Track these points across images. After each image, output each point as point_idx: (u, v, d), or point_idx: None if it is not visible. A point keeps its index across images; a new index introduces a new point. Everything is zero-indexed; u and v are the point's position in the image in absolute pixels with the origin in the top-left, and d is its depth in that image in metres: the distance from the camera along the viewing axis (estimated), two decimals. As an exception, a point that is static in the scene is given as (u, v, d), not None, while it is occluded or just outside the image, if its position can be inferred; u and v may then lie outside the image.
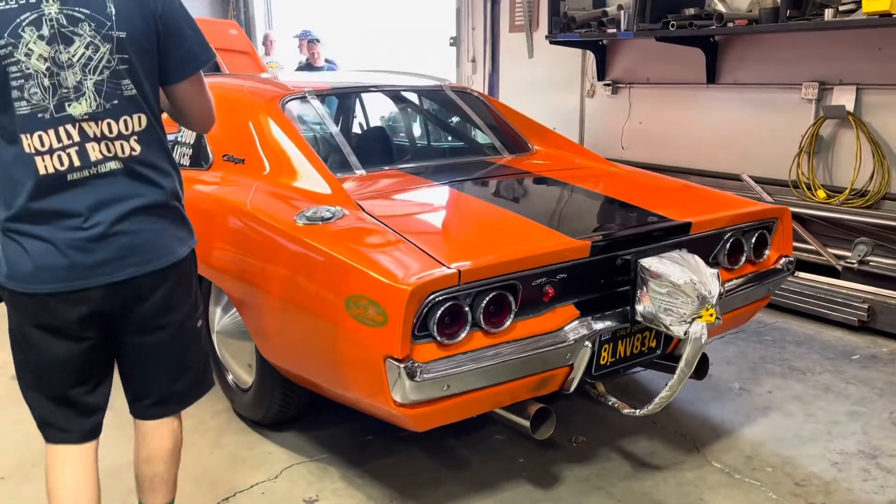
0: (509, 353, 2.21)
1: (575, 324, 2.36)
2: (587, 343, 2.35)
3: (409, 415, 2.16)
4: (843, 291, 4.17)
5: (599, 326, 2.41)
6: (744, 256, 2.85)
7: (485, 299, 2.18)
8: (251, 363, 2.94)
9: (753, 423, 3.10)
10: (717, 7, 4.87)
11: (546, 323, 2.33)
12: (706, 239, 2.73)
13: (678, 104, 5.58)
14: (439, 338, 2.13)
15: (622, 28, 5.25)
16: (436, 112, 4.02)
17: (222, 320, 3.07)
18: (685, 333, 2.31)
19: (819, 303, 4.21)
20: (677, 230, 2.60)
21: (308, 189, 2.74)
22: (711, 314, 2.30)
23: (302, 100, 3.33)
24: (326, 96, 3.56)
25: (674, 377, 2.39)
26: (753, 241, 2.88)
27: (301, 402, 2.91)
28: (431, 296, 2.08)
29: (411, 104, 4.07)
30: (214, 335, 3.17)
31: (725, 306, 2.77)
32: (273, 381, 2.83)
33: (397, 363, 2.04)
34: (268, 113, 3.13)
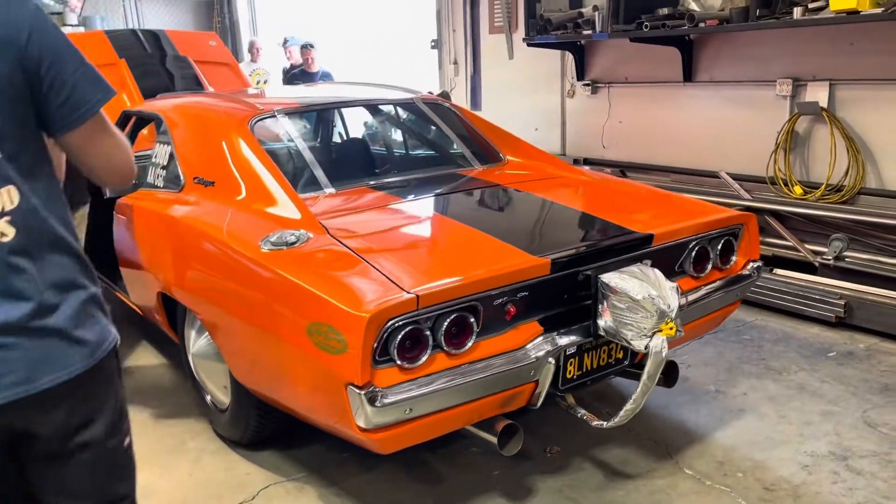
0: (471, 374, 2.24)
1: (538, 340, 2.39)
2: (550, 360, 2.38)
3: (374, 439, 2.19)
4: (820, 288, 4.20)
5: (563, 342, 2.43)
6: (710, 264, 2.88)
7: (445, 321, 2.21)
8: (226, 385, 2.97)
9: (727, 427, 3.13)
10: (691, 6, 4.89)
11: (509, 341, 2.36)
12: (670, 249, 2.75)
13: (657, 103, 5.60)
14: (400, 362, 2.15)
15: (597, 29, 5.27)
16: (408, 125, 4.04)
17: (197, 342, 3.10)
18: (646, 347, 2.34)
19: (796, 299, 4.24)
20: (639, 243, 2.62)
21: (274, 212, 2.77)
22: (671, 328, 2.33)
23: (271, 119, 3.35)
24: (297, 114, 3.58)
25: (637, 390, 2.42)
26: (720, 249, 2.91)
27: (277, 423, 2.94)
28: (390, 322, 2.11)
29: (383, 118, 4.09)
30: (190, 357, 3.20)
31: (694, 313, 2.81)
32: (248, 403, 2.86)
33: (358, 390, 2.07)
34: (237, 134, 3.15)
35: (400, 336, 2.13)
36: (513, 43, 6.55)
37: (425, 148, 3.99)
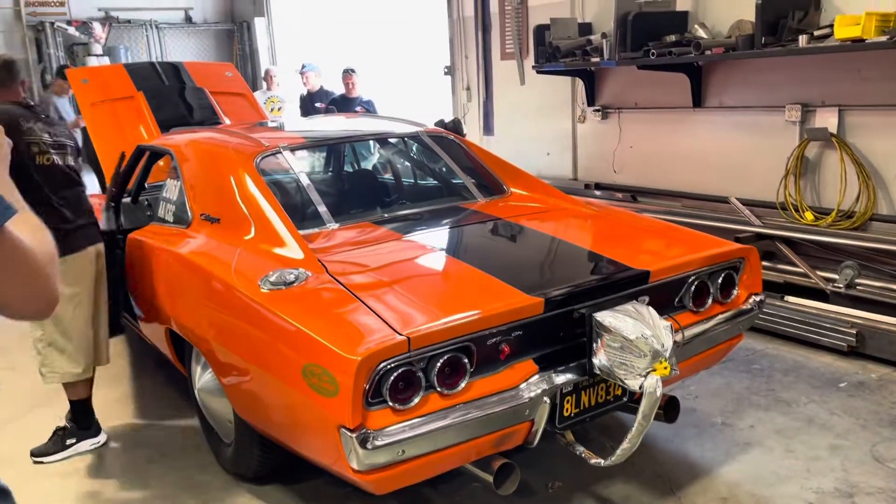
0: (465, 415, 2.25)
1: (533, 379, 2.39)
2: (546, 399, 2.38)
3: (368, 480, 2.21)
4: (832, 316, 4.14)
5: (559, 381, 2.44)
6: (710, 299, 2.87)
7: (438, 362, 2.23)
8: (231, 420, 3.00)
9: (732, 461, 3.10)
10: (698, 33, 4.89)
11: (504, 380, 2.37)
12: (669, 285, 2.75)
13: (666, 128, 5.60)
14: (393, 403, 2.18)
15: (605, 56, 5.29)
16: (412, 158, 4.09)
17: (203, 378, 3.14)
18: (640, 387, 2.34)
19: (808, 328, 4.19)
20: (635, 280, 2.62)
21: (277, 251, 2.81)
22: (666, 367, 2.33)
23: (277, 155, 3.41)
24: (302, 149, 3.64)
25: (633, 430, 2.41)
26: (720, 283, 2.89)
27: (280, 458, 2.97)
28: (382, 364, 2.13)
29: (388, 151, 4.15)
30: (196, 391, 3.25)
31: (695, 348, 2.80)
32: (251, 438, 2.89)
33: (349, 432, 2.10)
34: (242, 171, 3.21)
35: (392, 378, 2.16)
36: (524, 69, 6.60)
37: (430, 181, 4.03)
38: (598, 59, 5.36)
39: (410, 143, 4.04)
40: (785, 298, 4.41)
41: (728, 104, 5.12)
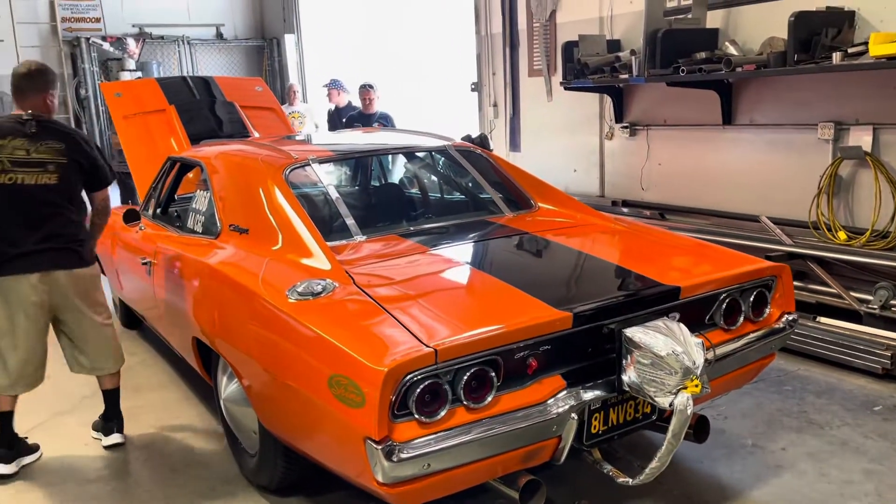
0: (491, 429, 2.22)
1: (561, 395, 2.36)
2: (573, 415, 2.35)
3: (393, 493, 2.18)
4: (866, 338, 4.05)
5: (587, 397, 2.40)
6: (742, 316, 2.82)
7: (465, 375, 2.20)
8: (256, 430, 3.00)
9: (763, 484, 3.02)
10: (729, 50, 4.86)
11: (531, 395, 2.34)
12: (699, 301, 2.71)
13: (696, 145, 5.55)
14: (419, 416, 2.16)
15: (634, 73, 5.27)
16: (440, 172, 4.09)
17: (229, 388, 3.15)
18: (670, 405, 2.29)
19: (841, 349, 4.10)
20: (666, 296, 2.58)
21: (304, 262, 2.82)
22: (697, 385, 2.28)
23: (305, 167, 3.43)
24: (330, 162, 3.66)
25: (662, 449, 2.36)
26: (752, 300, 2.84)
27: (304, 469, 2.95)
28: (409, 376, 2.12)
29: (415, 165, 4.15)
30: (222, 401, 3.25)
31: (725, 367, 2.75)
32: (275, 449, 2.88)
33: (375, 444, 2.08)
34: (272, 182, 3.23)
35: (418, 390, 2.14)
36: (552, 86, 6.60)
37: (457, 195, 4.02)
38: (627, 76, 5.33)
39: (438, 157, 4.04)
40: (817, 319, 4.32)
41: (759, 122, 5.06)
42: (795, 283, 3.77)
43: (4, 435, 3.39)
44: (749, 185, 5.19)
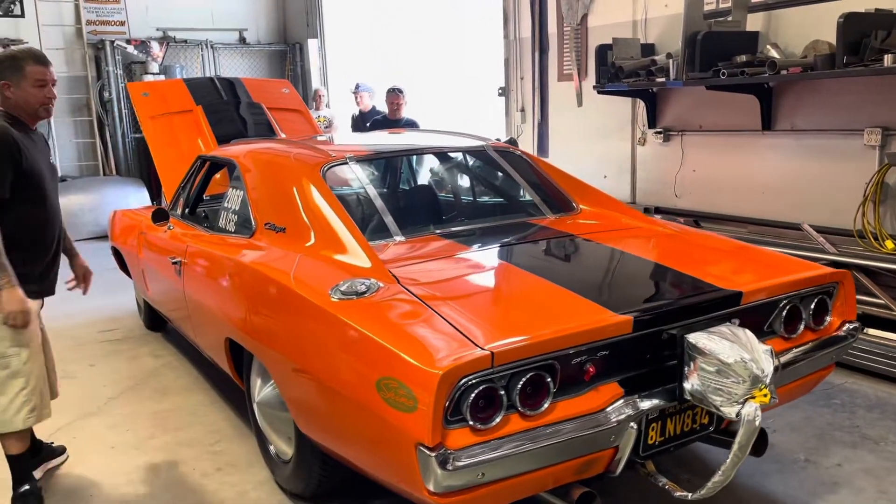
0: (548, 438, 2.11)
1: (619, 403, 2.24)
2: (632, 424, 2.22)
3: (443, 503, 2.07)
4: (917, 350, 3.90)
5: (646, 405, 2.28)
6: (802, 324, 2.69)
7: (520, 381, 2.09)
8: (290, 436, 2.90)
9: (819, 501, 2.88)
10: (771, 53, 4.73)
11: (588, 402, 2.22)
12: (760, 308, 2.58)
13: (733, 151, 5.42)
14: (473, 423, 2.04)
15: (671, 77, 5.15)
16: (478, 172, 3.99)
17: (263, 390, 3.05)
18: (737, 415, 2.17)
19: (890, 362, 3.95)
20: (727, 301, 2.46)
21: (346, 260, 2.72)
22: (766, 394, 2.16)
23: (343, 166, 3.34)
24: (368, 161, 3.57)
25: (727, 461, 2.23)
26: (813, 308, 2.71)
27: (341, 477, 2.85)
28: (463, 380, 2.01)
29: (454, 165, 4.05)
30: (255, 406, 3.15)
31: (784, 378, 2.61)
32: (312, 455, 2.77)
33: (428, 451, 1.97)
34: (309, 180, 3.14)
35: (473, 395, 2.03)
36: (582, 90, 6.49)
37: (496, 196, 3.92)
38: (664, 80, 5.22)
39: (476, 158, 3.94)
40: (864, 330, 4.17)
41: (801, 127, 4.92)
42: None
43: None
44: (789, 193, 5.05)
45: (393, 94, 7.15)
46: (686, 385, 2.27)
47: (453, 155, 4.03)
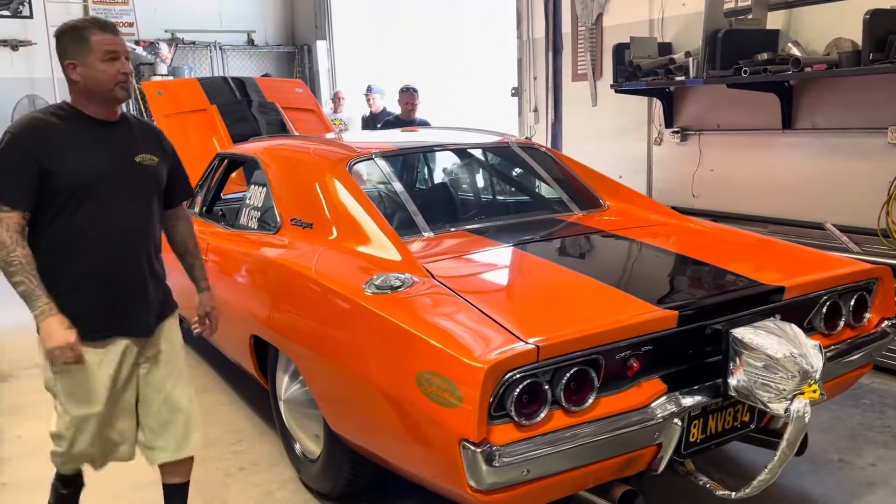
0: (593, 434, 2.06)
1: (662, 399, 2.19)
2: (676, 421, 2.18)
3: (486, 501, 2.02)
4: (947, 350, 3.84)
5: (689, 402, 2.23)
6: (842, 321, 2.64)
7: (565, 376, 2.04)
8: (319, 434, 2.85)
9: (857, 501, 2.83)
10: (792, 51, 4.69)
11: (631, 399, 2.18)
12: (800, 304, 2.53)
13: (752, 150, 5.37)
14: (517, 418, 2.00)
15: (691, 75, 5.11)
16: (503, 169, 3.95)
17: (290, 389, 3.00)
18: (786, 411, 2.12)
19: (919, 362, 3.89)
20: (770, 295, 2.41)
21: (376, 255, 2.68)
22: (815, 390, 2.11)
23: (368, 161, 3.30)
24: (393, 157, 3.52)
25: (774, 459, 2.19)
26: (852, 304, 2.66)
27: (370, 475, 2.80)
28: (508, 374, 1.96)
29: (478, 162, 4.00)
30: (281, 404, 3.10)
31: (825, 375, 2.56)
32: (341, 453, 2.72)
33: (473, 447, 1.92)
34: (335, 176, 3.10)
35: (517, 390, 1.98)
36: (597, 90, 6.45)
37: (522, 192, 3.87)
38: (684, 78, 5.18)
39: (500, 154, 3.90)
40: (891, 330, 4.11)
41: (822, 125, 4.88)
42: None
43: None
44: (810, 192, 5.00)
45: (407, 94, 7.02)
46: (731, 381, 2.22)
47: (477, 151, 3.99)
